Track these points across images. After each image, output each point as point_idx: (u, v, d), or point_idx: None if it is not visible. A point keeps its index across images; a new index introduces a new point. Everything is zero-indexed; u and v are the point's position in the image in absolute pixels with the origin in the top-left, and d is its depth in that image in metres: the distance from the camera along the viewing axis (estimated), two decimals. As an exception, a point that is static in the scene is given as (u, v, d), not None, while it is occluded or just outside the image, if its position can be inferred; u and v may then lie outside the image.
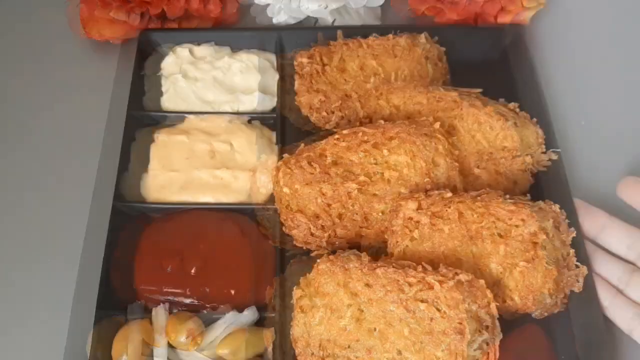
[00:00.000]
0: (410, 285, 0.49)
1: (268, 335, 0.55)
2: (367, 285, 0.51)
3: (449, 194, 0.57)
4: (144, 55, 0.77)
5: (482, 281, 0.50)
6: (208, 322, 0.56)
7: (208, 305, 0.58)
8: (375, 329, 0.50)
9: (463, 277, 0.49)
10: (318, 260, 0.53)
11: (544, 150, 0.65)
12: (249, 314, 0.57)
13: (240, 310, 0.57)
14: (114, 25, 0.77)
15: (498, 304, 0.51)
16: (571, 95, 0.77)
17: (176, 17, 0.77)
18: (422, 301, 0.49)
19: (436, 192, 0.58)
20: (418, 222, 0.56)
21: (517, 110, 0.66)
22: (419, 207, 0.56)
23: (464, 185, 0.62)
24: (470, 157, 0.63)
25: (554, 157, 0.65)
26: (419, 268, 0.51)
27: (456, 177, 0.61)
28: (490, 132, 0.64)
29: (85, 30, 0.78)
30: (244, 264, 0.60)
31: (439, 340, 0.48)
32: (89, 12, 0.78)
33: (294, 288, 0.54)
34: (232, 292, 0.58)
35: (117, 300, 0.59)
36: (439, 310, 0.49)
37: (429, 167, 0.60)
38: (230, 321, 0.56)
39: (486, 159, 0.63)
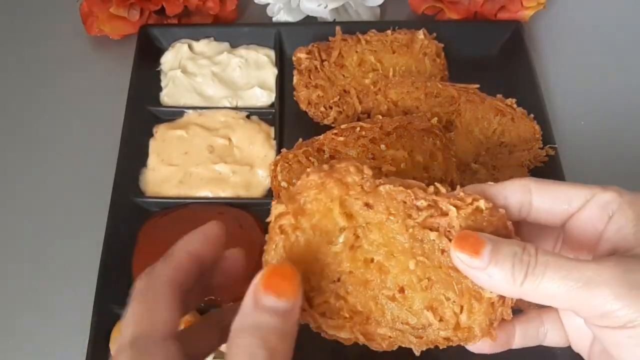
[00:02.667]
0: (419, 209, 0.40)
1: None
2: (367, 205, 0.40)
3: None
4: (146, 51, 0.77)
5: (502, 210, 0.40)
6: (205, 315, 0.57)
7: (205, 299, 0.58)
8: (372, 260, 0.40)
9: (483, 203, 0.39)
10: (308, 170, 0.41)
11: (541, 146, 0.65)
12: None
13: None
14: (114, 21, 0.78)
15: None
16: (568, 91, 0.77)
17: (175, 14, 0.78)
18: (432, 229, 0.40)
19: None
20: None
21: (515, 106, 0.67)
22: None
23: (461, 181, 0.62)
24: (467, 153, 0.64)
25: (551, 152, 0.65)
26: (431, 189, 0.41)
27: (453, 172, 0.61)
28: (488, 127, 0.65)
29: (85, 26, 0.79)
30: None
31: (450, 278, 0.39)
32: (89, 8, 0.78)
33: (272, 202, 0.41)
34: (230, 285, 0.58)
35: (116, 293, 0.59)
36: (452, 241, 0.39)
37: (427, 162, 0.60)
38: (227, 314, 0.57)
39: (483, 154, 0.64)
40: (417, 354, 0.39)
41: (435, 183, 0.41)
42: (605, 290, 0.31)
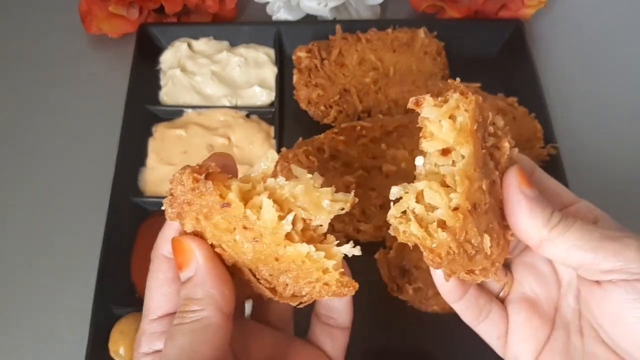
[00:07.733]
0: None
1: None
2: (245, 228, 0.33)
3: None
4: (146, 50, 0.76)
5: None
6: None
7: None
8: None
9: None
10: None
11: (543, 145, 0.65)
12: (246, 307, 0.57)
13: (237, 303, 0.57)
14: (113, 20, 0.77)
15: None
16: (570, 89, 0.77)
17: (175, 12, 0.77)
18: None
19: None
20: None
21: (516, 105, 0.66)
22: None
23: (462, 180, 0.62)
24: (468, 152, 0.63)
25: (553, 151, 0.65)
26: None
27: (454, 171, 0.60)
28: (489, 126, 0.64)
29: (83, 24, 0.78)
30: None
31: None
32: (88, 7, 0.78)
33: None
34: (229, 285, 0.58)
35: (115, 293, 0.58)
36: None
37: (427, 161, 0.60)
38: (227, 314, 0.56)
39: (484, 153, 0.63)
40: None
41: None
42: (631, 241, 0.34)
